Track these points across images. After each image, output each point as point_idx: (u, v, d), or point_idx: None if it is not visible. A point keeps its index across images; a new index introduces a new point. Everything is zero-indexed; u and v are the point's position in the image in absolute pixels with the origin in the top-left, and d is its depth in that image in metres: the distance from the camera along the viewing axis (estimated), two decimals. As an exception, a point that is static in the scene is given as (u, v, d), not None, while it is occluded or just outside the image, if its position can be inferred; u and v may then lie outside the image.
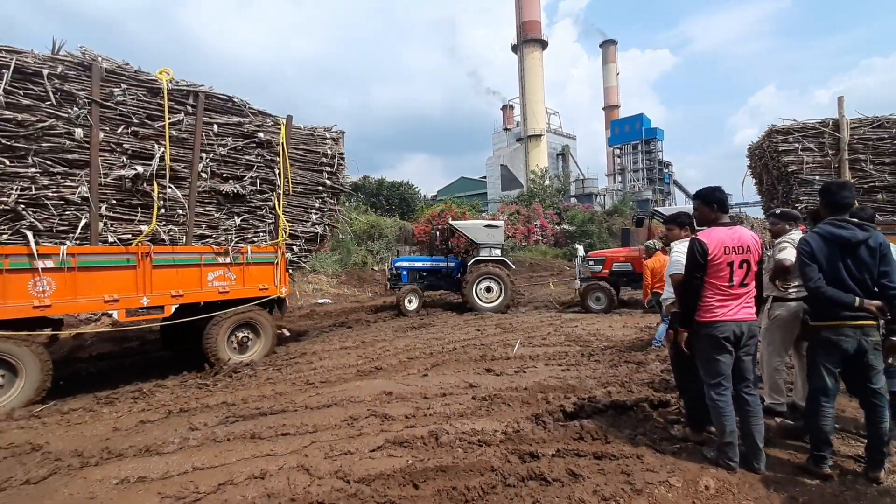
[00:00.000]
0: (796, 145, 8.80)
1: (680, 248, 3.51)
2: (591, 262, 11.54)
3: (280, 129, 6.97)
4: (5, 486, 3.06)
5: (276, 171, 6.93)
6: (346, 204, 8.45)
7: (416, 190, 34.55)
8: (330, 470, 3.14)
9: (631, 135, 55.71)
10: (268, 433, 3.79)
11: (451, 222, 12.32)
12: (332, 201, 7.76)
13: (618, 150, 57.80)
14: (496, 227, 11.78)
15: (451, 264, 12.08)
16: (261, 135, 6.74)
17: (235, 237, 6.57)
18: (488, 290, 11.13)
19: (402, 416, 4.09)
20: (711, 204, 3.13)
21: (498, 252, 11.57)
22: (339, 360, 6.46)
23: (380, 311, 11.92)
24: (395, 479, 2.98)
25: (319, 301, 14.20)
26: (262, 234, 6.89)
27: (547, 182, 38.75)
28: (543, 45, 55.50)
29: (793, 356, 3.98)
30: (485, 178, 61.36)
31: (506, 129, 62.23)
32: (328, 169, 7.59)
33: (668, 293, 3.68)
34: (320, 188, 7.57)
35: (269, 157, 6.88)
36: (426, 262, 12.18)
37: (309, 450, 3.49)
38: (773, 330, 3.78)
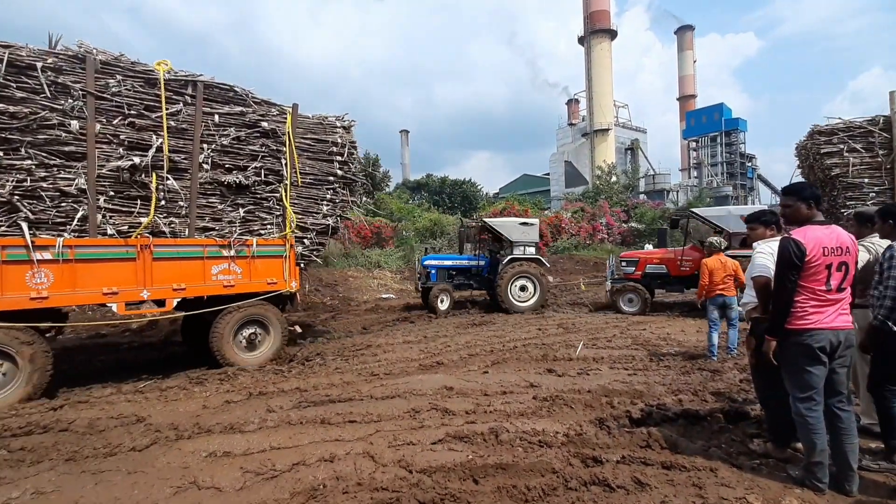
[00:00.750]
0: (841, 146, 8.14)
1: (764, 249, 3.23)
2: (623, 263, 11.12)
3: (286, 118, 6.67)
4: (116, 451, 3.50)
5: (283, 162, 6.64)
6: (363, 196, 8.20)
7: (479, 188, 34.63)
8: (393, 459, 3.26)
9: (709, 126, 51.77)
10: (336, 419, 4.01)
11: (484, 220, 11.93)
12: (344, 192, 7.32)
13: (693, 143, 53.96)
14: (531, 224, 11.34)
15: (482, 263, 11.74)
16: (265, 124, 6.45)
17: (240, 229, 6.32)
18: (523, 289, 10.79)
19: (462, 412, 4.16)
20: (808, 200, 2.84)
21: (532, 250, 11.13)
22: (401, 354, 6.67)
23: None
24: (455, 473, 3.04)
25: (383, 296, 14.69)
26: (269, 226, 6.59)
27: (614, 178, 37.20)
28: (612, 35, 53.19)
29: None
30: (548, 174, 60.08)
31: (571, 125, 60.44)
32: (339, 159, 7.18)
33: (748, 297, 3.42)
34: (331, 178, 7.16)
35: (275, 147, 6.59)
36: (456, 261, 11.86)
37: (374, 438, 3.64)
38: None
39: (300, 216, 6.89)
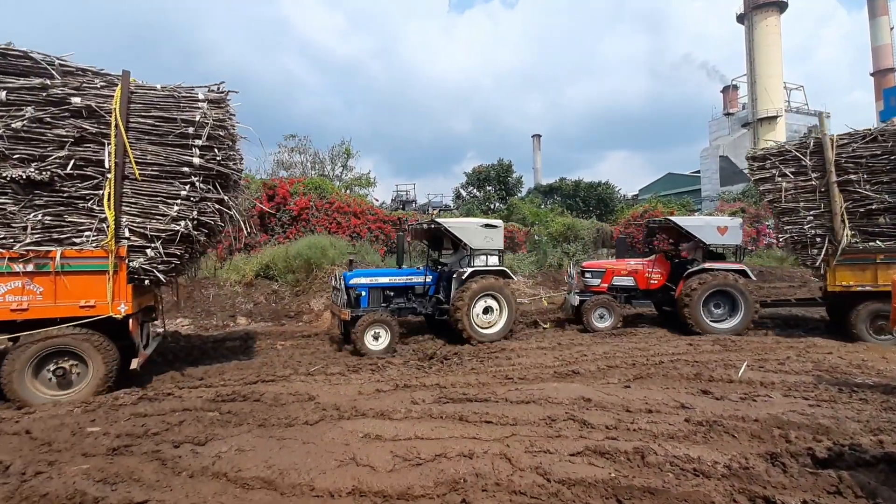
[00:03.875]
0: (773, 171, 8.13)
1: None
2: (588, 275, 9.87)
3: (115, 91, 5.22)
4: (294, 423, 4.15)
5: (111, 149, 5.19)
6: (250, 192, 6.74)
7: (616, 189, 32.59)
8: (530, 464, 3.26)
9: (921, 103, 40.79)
10: (473, 418, 4.16)
11: (437, 220, 9.02)
12: (207, 188, 5.56)
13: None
14: (494, 227, 8.83)
15: (429, 278, 8.83)
16: (77, 100, 5.09)
17: (38, 237, 5.05)
18: (487, 311, 8.28)
19: (602, 426, 3.97)
20: None
21: (495, 260, 8.76)
22: (536, 360, 6.61)
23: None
24: (596, 490, 2.93)
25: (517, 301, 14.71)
26: (87, 233, 5.19)
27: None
28: (782, 7, 45.43)
29: None
30: (697, 172, 53.59)
31: (727, 114, 53.07)
32: (198, 143, 5.42)
33: None
34: (185, 170, 5.43)
35: (97, 130, 5.20)
36: (395, 277, 8.67)
37: (510, 441, 3.69)
38: None
39: (137, 219, 5.34)
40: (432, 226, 8.82)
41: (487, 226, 8.79)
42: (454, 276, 8.41)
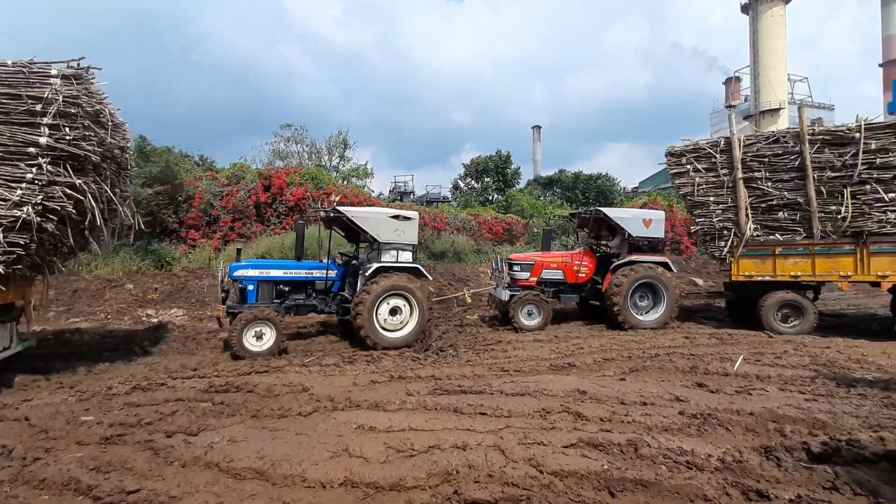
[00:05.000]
0: (688, 167, 8.61)
1: None
2: (516, 268, 9.10)
3: None
4: (287, 414, 4.13)
5: None
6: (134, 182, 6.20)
7: (616, 182, 32.50)
8: (524, 456, 3.25)
9: (928, 96, 40.53)
10: (468, 409, 4.14)
11: (339, 207, 7.75)
12: (59, 170, 5.10)
13: (905, 119, 42.79)
14: (408, 219, 7.74)
15: (332, 272, 7.85)
16: None
17: None
18: (395, 311, 7.31)
19: (596, 418, 3.95)
20: None
21: (408, 255, 7.68)
22: (531, 352, 6.60)
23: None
24: (589, 481, 2.91)
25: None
26: None
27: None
28: (787, -3, 44.88)
29: None
30: (699, 165, 53.39)
31: (729, 106, 52.74)
32: (47, 122, 5.01)
33: None
34: (32, 150, 4.99)
35: None
36: (290, 270, 7.63)
37: (504, 433, 3.68)
38: None
39: None
40: (332, 214, 7.73)
41: (399, 217, 7.73)
42: (360, 271, 7.58)
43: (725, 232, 8.37)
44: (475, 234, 19.23)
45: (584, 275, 9.25)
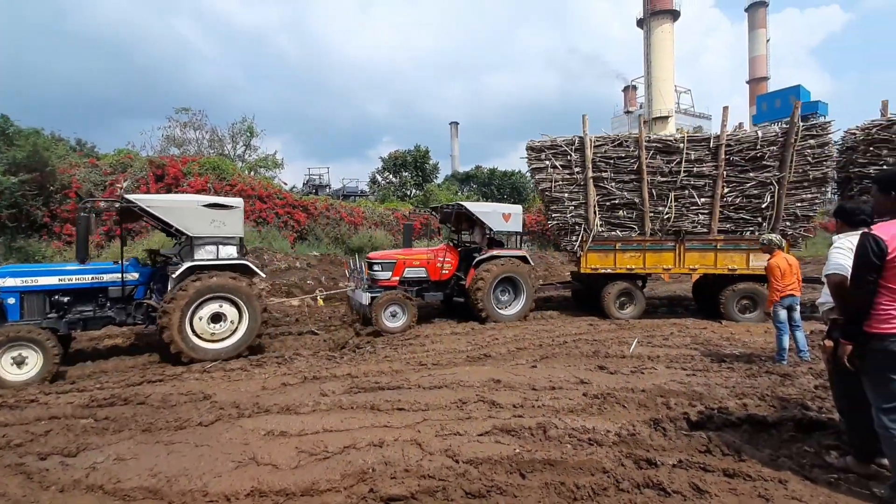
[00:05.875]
0: (547, 163, 8.96)
1: (843, 244, 2.93)
2: (377, 267, 8.51)
3: None
4: (185, 425, 3.78)
5: None
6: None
7: (528, 179, 34.09)
8: (440, 448, 3.29)
9: (783, 111, 47.34)
10: (385, 406, 4.10)
11: (127, 196, 6.45)
12: None
13: (765, 130, 49.87)
14: (228, 207, 6.50)
15: (135, 275, 6.43)
16: None
17: None
18: (217, 318, 6.23)
19: (509, 405, 4.12)
20: (889, 191, 2.57)
21: (232, 250, 6.55)
22: (449, 345, 6.71)
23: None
24: (501, 466, 3.03)
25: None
26: None
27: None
28: (675, 15, 50.12)
29: None
30: (602, 165, 57.82)
31: (627, 112, 57.81)
32: None
33: (825, 297, 3.13)
34: None
35: None
36: (71, 277, 6.03)
37: (421, 426, 3.70)
38: None
39: None
40: (123, 204, 6.25)
41: (215, 205, 6.38)
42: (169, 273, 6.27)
43: (577, 227, 8.97)
44: (393, 230, 19.08)
45: (447, 271, 8.98)
